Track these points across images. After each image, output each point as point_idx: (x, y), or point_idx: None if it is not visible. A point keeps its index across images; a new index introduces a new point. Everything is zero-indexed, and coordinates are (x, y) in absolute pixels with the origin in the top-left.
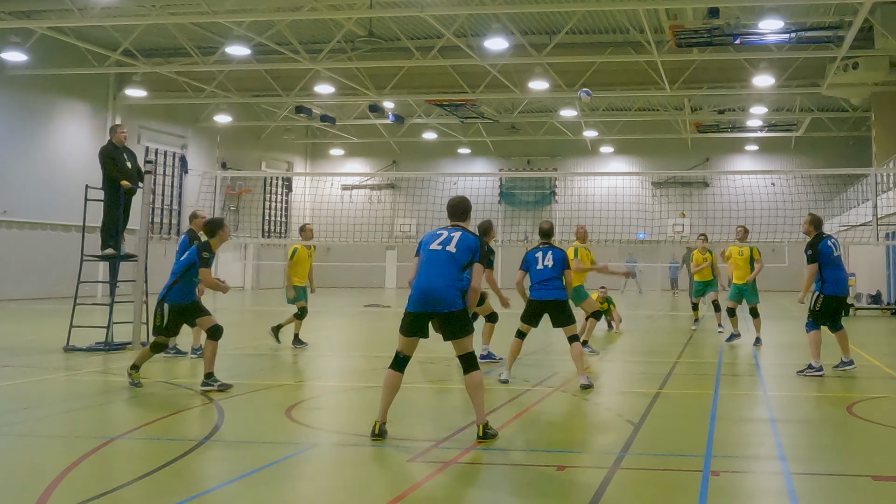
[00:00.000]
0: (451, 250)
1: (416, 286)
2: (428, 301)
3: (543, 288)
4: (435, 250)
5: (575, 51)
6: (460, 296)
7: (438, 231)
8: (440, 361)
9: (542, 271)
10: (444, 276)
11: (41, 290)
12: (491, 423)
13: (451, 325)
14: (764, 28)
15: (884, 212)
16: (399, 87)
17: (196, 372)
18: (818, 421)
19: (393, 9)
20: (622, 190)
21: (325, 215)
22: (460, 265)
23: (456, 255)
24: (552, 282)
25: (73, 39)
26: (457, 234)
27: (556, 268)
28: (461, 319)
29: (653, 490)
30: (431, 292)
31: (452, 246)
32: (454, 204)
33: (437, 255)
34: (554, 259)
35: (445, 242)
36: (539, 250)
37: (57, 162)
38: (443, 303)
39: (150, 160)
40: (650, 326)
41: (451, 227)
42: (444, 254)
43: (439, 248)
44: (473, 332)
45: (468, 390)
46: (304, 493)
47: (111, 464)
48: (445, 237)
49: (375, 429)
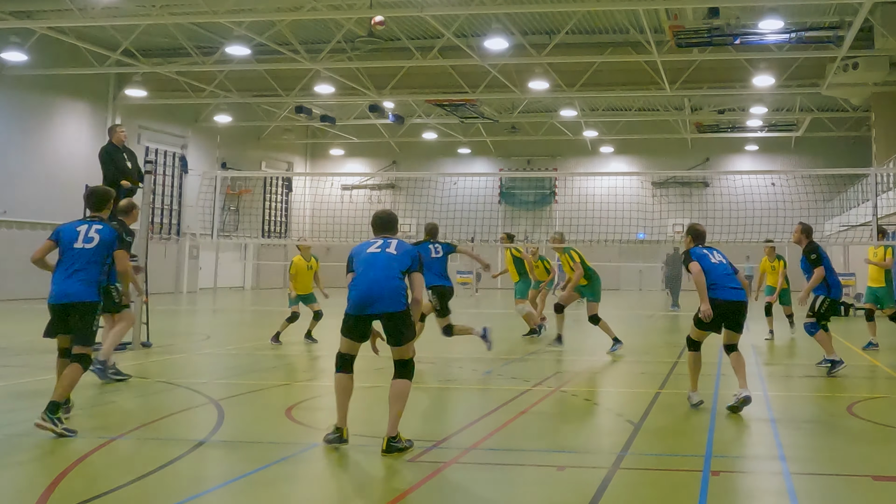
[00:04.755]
0: (391, 252)
1: (355, 288)
2: (369, 302)
3: (732, 285)
4: (374, 253)
5: (575, 51)
6: (404, 297)
7: (371, 241)
8: (440, 361)
9: (720, 266)
10: (386, 276)
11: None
12: (496, 419)
13: (395, 326)
14: (764, 28)
15: (884, 212)
16: (399, 87)
17: (196, 372)
18: (818, 421)
19: (393, 9)
20: (622, 190)
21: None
22: (400, 268)
23: (397, 256)
24: (735, 279)
25: (73, 39)
26: (394, 241)
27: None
28: (404, 322)
29: (653, 490)
30: (372, 292)
31: (392, 249)
32: (382, 217)
33: (375, 257)
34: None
35: (384, 246)
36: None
37: (57, 162)
38: (384, 301)
39: (150, 160)
40: (650, 326)
41: (385, 237)
42: (383, 255)
43: (378, 250)
44: (416, 338)
45: (391, 397)
46: (303, 493)
47: (111, 464)
48: (382, 243)
49: (343, 434)
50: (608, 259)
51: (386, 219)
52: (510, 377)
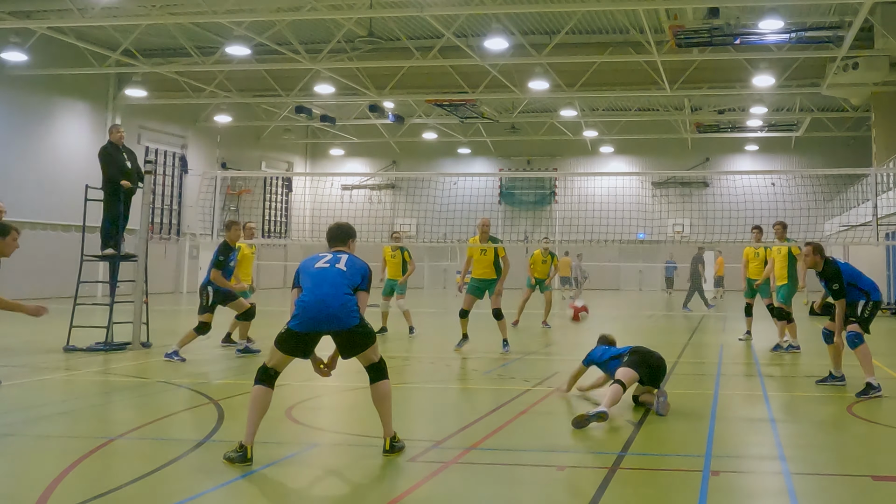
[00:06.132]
0: (341, 268)
1: (304, 304)
2: (322, 320)
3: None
4: (323, 268)
5: (575, 51)
6: (356, 310)
7: (320, 255)
8: (440, 361)
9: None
10: (336, 293)
11: (41, 290)
12: (496, 419)
13: (355, 341)
14: (764, 28)
15: (884, 212)
16: (399, 87)
17: (196, 372)
18: (818, 421)
19: (393, 9)
20: (622, 190)
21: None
22: (350, 285)
23: (347, 273)
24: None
25: (73, 39)
26: (344, 256)
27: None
28: (362, 333)
29: (653, 490)
30: (324, 310)
31: (342, 265)
32: (334, 230)
33: (325, 273)
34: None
35: (333, 262)
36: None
37: (57, 162)
38: (338, 320)
39: (150, 160)
40: (651, 326)
41: (336, 251)
42: (333, 271)
43: (327, 265)
44: (376, 340)
45: (377, 400)
46: (304, 493)
47: (111, 464)
48: (332, 258)
49: (248, 453)
50: (608, 259)
51: (337, 231)
52: (510, 377)
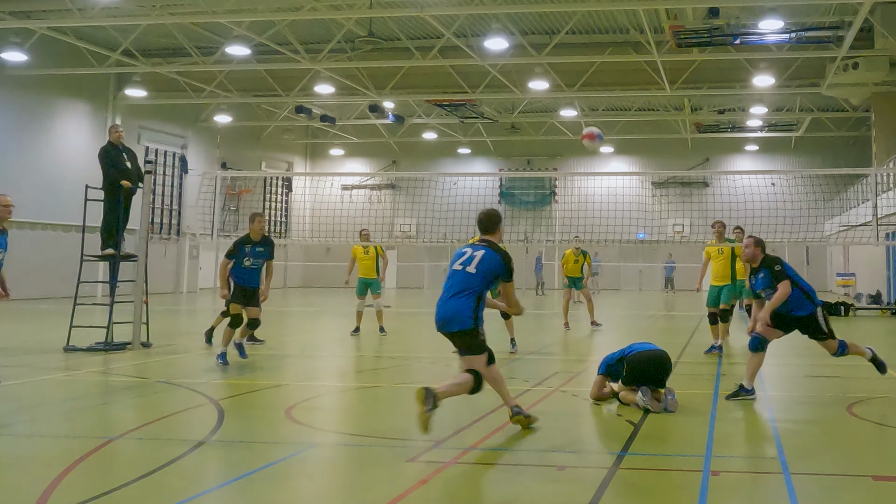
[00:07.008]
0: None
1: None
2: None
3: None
4: (455, 268)
5: (575, 51)
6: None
7: (461, 249)
8: (440, 361)
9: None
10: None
11: (41, 290)
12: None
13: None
14: (764, 28)
15: (884, 212)
16: (399, 87)
17: (196, 372)
18: (818, 421)
19: (393, 9)
20: (622, 190)
21: (325, 215)
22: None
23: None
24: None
25: (72, 39)
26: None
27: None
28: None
29: (653, 490)
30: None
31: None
32: (483, 217)
33: (453, 274)
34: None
35: (467, 261)
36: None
37: (57, 162)
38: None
39: (150, 160)
40: (651, 326)
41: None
42: (461, 272)
43: (460, 265)
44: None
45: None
46: (303, 493)
47: (111, 464)
48: (466, 257)
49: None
50: (608, 259)
51: (486, 219)
52: (510, 377)
